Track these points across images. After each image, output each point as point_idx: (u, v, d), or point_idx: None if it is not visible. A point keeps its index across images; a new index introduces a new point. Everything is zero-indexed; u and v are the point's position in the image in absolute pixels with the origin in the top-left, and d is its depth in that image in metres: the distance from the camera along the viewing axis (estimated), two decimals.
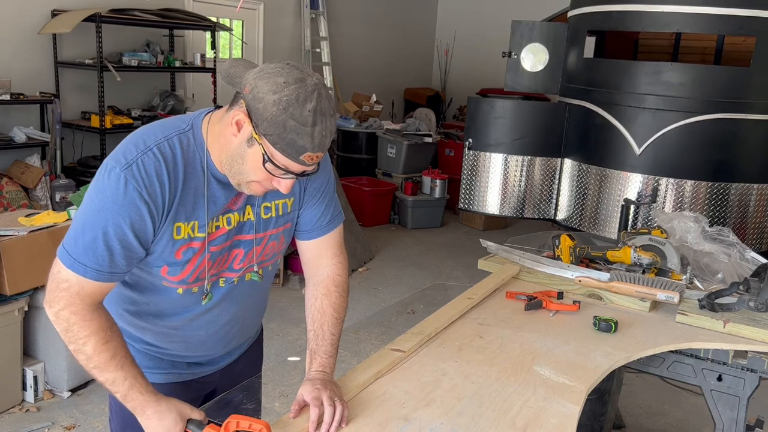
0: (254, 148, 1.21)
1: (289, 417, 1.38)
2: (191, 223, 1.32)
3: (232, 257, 1.42)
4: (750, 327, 1.95)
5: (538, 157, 4.53)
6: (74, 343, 1.27)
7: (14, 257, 2.94)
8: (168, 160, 1.26)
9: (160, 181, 1.25)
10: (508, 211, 4.66)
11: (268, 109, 1.16)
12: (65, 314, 1.25)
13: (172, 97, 5.90)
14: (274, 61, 1.23)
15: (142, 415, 1.30)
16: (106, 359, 1.27)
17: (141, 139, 1.28)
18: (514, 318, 2.02)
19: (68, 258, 1.25)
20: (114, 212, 1.22)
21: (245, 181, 1.28)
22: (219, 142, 1.28)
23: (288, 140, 1.18)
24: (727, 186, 3.89)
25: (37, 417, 3.02)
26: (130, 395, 1.29)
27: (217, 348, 1.56)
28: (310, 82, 1.19)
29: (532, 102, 5.13)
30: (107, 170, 1.24)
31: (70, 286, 1.25)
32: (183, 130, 1.30)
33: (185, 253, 1.33)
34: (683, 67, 4.01)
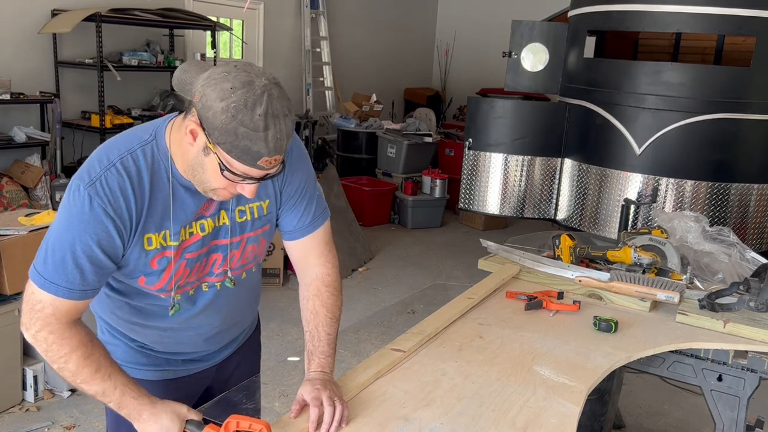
0: (210, 156, 1.19)
1: (290, 417, 1.38)
2: (162, 232, 1.31)
3: (210, 263, 1.41)
4: (750, 327, 1.95)
5: (538, 157, 4.53)
6: (56, 362, 1.26)
7: (14, 257, 2.94)
8: (132, 175, 1.25)
9: (125, 196, 1.24)
10: (508, 211, 4.66)
11: (218, 117, 1.13)
12: (42, 335, 1.25)
13: (172, 97, 5.89)
14: (222, 65, 1.19)
15: (138, 420, 1.29)
16: (91, 372, 1.26)
17: (105, 154, 1.26)
18: (514, 318, 2.02)
19: (39, 278, 1.23)
20: (81, 230, 1.22)
21: (210, 189, 1.27)
22: (180, 149, 1.26)
23: (242, 147, 1.15)
24: (727, 186, 3.89)
25: (37, 417, 3.02)
26: (124, 402, 1.28)
27: (211, 345, 1.56)
28: (258, 84, 1.15)
29: (532, 102, 5.13)
30: (72, 189, 1.24)
31: (44, 307, 1.24)
32: (146, 141, 1.29)
33: (159, 262, 1.32)
34: (683, 67, 4.01)
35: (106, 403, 1.30)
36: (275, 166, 1.21)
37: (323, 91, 8.01)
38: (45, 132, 4.99)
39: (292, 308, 4.48)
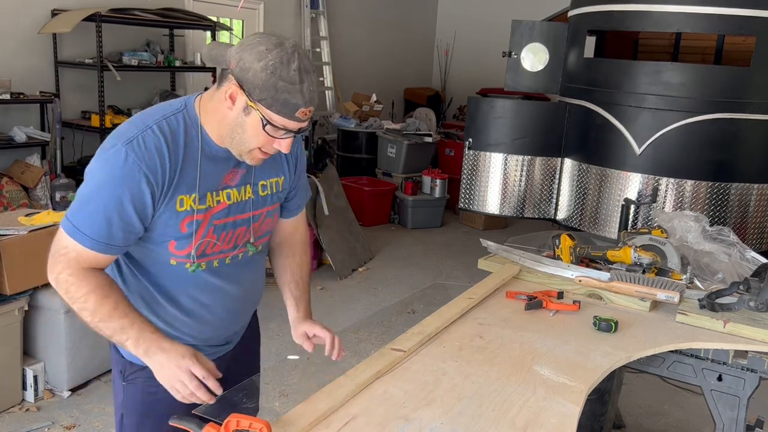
0: (252, 115, 1.31)
1: (309, 352, 1.62)
2: (192, 195, 1.39)
3: (236, 235, 1.50)
4: (750, 327, 1.95)
5: (538, 156, 4.53)
6: (76, 303, 1.35)
7: (14, 257, 2.94)
8: (167, 136, 1.35)
9: (160, 155, 1.32)
10: (508, 210, 4.66)
11: (258, 75, 1.27)
12: (64, 276, 1.34)
13: (172, 97, 5.89)
14: (252, 34, 1.32)
15: (158, 351, 1.35)
16: (109, 310, 1.34)
17: (140, 120, 1.37)
18: (514, 318, 2.02)
19: (69, 226, 1.33)
20: (114, 184, 1.30)
21: (246, 150, 1.38)
22: (215, 118, 1.37)
23: (282, 100, 1.28)
24: (727, 186, 3.89)
25: (37, 416, 3.02)
26: (143, 336, 1.35)
27: (230, 326, 1.64)
28: (288, 45, 1.29)
29: (532, 102, 5.14)
30: (107, 147, 1.32)
31: (68, 252, 1.34)
32: (178, 110, 1.40)
33: (189, 225, 1.40)
34: (683, 67, 4.01)
35: (123, 342, 1.36)
36: (307, 119, 1.33)
37: (323, 91, 8.02)
38: (45, 132, 4.99)
39: None
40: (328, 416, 1.41)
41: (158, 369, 1.36)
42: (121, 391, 1.57)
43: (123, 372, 1.56)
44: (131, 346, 1.36)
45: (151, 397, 1.50)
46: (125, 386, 1.56)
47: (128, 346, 1.36)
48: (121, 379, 1.56)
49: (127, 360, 1.54)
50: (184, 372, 1.34)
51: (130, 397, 1.56)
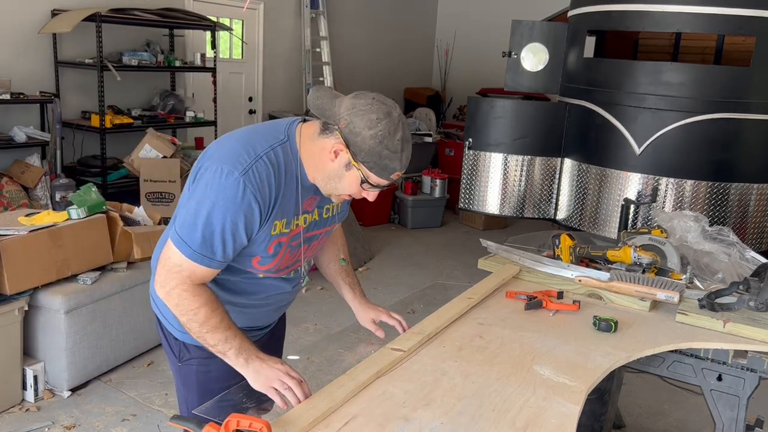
0: (352, 171, 1.47)
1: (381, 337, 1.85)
2: (283, 220, 1.54)
3: (302, 251, 1.66)
4: (750, 327, 1.95)
5: (538, 156, 4.53)
6: (186, 314, 1.48)
7: (14, 257, 2.94)
8: (275, 167, 1.47)
9: (269, 185, 1.46)
10: (508, 210, 4.66)
11: (366, 142, 1.41)
12: (177, 291, 1.48)
13: (172, 97, 5.89)
14: (361, 96, 1.47)
15: (256, 359, 1.50)
16: (216, 323, 1.48)
17: (250, 146, 1.47)
18: (514, 318, 2.02)
19: (186, 248, 1.45)
20: (233, 212, 1.43)
21: (337, 195, 1.55)
22: (313, 160, 1.52)
23: (382, 165, 1.44)
24: (727, 186, 3.89)
25: (37, 416, 3.02)
26: (243, 347, 1.50)
27: (275, 317, 1.86)
28: (395, 115, 1.44)
29: (532, 102, 5.14)
30: (224, 173, 1.43)
31: (182, 270, 1.47)
32: (282, 141, 1.52)
33: (275, 247, 1.56)
34: (683, 67, 4.01)
35: (224, 351, 1.49)
36: (399, 178, 1.49)
37: None
38: (45, 132, 4.99)
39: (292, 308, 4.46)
40: (328, 416, 1.41)
41: (256, 375, 1.49)
42: (178, 371, 1.74)
43: (178, 355, 1.72)
44: (232, 355, 1.49)
45: (206, 375, 1.68)
46: (180, 367, 1.72)
47: (229, 355, 1.49)
48: (177, 361, 1.73)
49: (181, 342, 1.70)
50: (283, 375, 1.48)
51: (187, 376, 1.72)
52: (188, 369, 1.71)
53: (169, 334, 1.73)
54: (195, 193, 1.46)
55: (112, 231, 3.41)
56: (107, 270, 3.41)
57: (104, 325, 3.32)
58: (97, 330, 3.28)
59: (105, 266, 3.41)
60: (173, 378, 1.82)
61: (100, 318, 3.28)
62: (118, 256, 3.45)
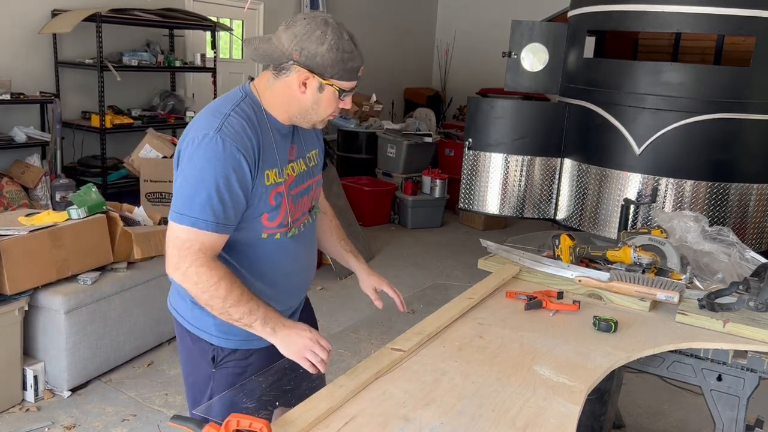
0: (326, 90, 1.52)
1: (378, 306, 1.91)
2: (273, 170, 1.57)
3: (303, 203, 1.70)
4: (750, 327, 1.95)
5: (538, 157, 4.53)
6: (207, 291, 1.48)
7: (14, 257, 2.94)
8: (246, 119, 1.52)
9: (247, 135, 1.50)
10: (508, 211, 4.66)
11: (326, 57, 1.47)
12: (193, 269, 1.47)
13: (172, 97, 5.90)
14: (293, 24, 1.50)
15: (283, 328, 1.53)
16: (238, 295, 1.49)
17: (215, 111, 1.52)
18: (514, 318, 2.03)
19: (188, 219, 1.46)
20: (219, 168, 1.45)
21: (320, 120, 1.59)
22: (280, 101, 1.56)
23: (348, 68, 1.51)
24: (726, 186, 3.89)
25: (37, 416, 3.02)
26: (269, 316, 1.52)
27: (301, 292, 1.85)
28: (330, 20, 1.50)
29: (532, 102, 5.14)
30: (199, 140, 1.47)
31: (192, 245, 1.47)
32: (241, 98, 1.56)
33: (275, 197, 1.58)
34: (683, 67, 4.01)
35: (250, 324, 1.51)
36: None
37: None
38: (45, 132, 4.99)
39: None
40: (328, 416, 1.41)
41: (285, 343, 1.53)
42: (210, 377, 1.70)
43: (214, 358, 1.69)
44: (259, 326, 1.51)
45: (240, 377, 1.68)
46: (215, 372, 1.69)
47: (255, 327, 1.51)
48: (212, 366, 1.69)
49: (218, 347, 1.68)
50: (314, 344, 1.52)
51: (221, 380, 1.69)
52: (224, 372, 1.69)
53: (202, 341, 1.68)
54: (181, 170, 1.50)
55: (112, 231, 3.42)
56: (107, 270, 3.41)
57: (104, 325, 3.32)
58: (97, 330, 3.28)
59: (105, 266, 3.41)
60: (186, 385, 1.79)
61: (100, 318, 3.28)
62: (118, 256, 3.45)
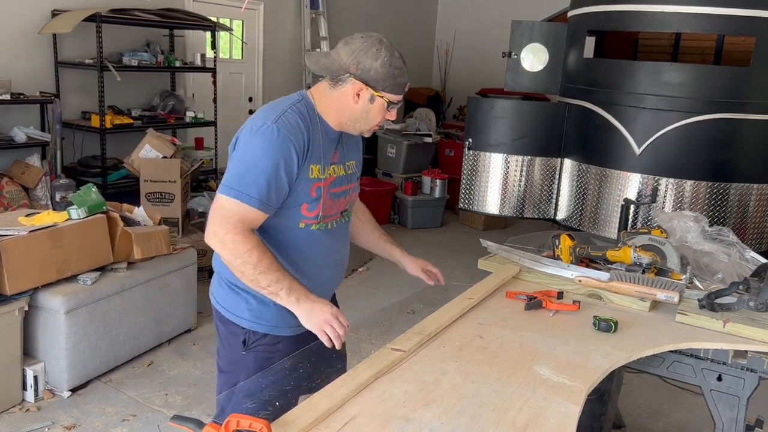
0: (377, 102, 1.71)
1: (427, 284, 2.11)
2: (317, 166, 1.74)
3: (339, 203, 1.85)
4: (750, 327, 1.95)
5: (538, 157, 4.53)
6: (240, 258, 1.63)
7: (14, 257, 2.94)
8: (302, 116, 1.70)
9: (300, 130, 1.68)
10: (508, 211, 4.66)
11: (379, 71, 1.66)
12: (230, 236, 1.63)
13: (172, 97, 5.89)
14: (350, 41, 1.69)
15: (307, 300, 1.67)
16: (268, 264, 1.64)
17: (273, 107, 1.72)
18: (514, 318, 2.03)
19: (235, 192, 1.63)
20: (272, 153, 1.63)
21: (368, 128, 1.78)
22: (334, 109, 1.74)
23: (397, 83, 1.70)
24: (726, 186, 3.89)
25: (37, 417, 3.02)
26: (294, 287, 1.66)
27: (333, 285, 1.99)
28: (384, 40, 1.69)
29: (532, 102, 5.14)
30: (257, 128, 1.65)
31: (233, 215, 1.63)
32: (298, 101, 1.75)
33: (316, 191, 1.74)
34: (683, 67, 4.01)
35: (276, 292, 1.65)
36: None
37: None
38: (45, 132, 4.99)
39: None
40: (328, 416, 1.41)
41: (307, 315, 1.66)
42: (240, 359, 1.84)
43: (245, 341, 1.83)
44: (284, 294, 1.65)
45: (269, 361, 1.80)
46: (245, 355, 1.83)
47: (281, 296, 1.65)
48: (242, 348, 1.83)
49: (249, 330, 1.81)
50: (334, 319, 1.66)
51: (249, 362, 1.83)
52: (253, 355, 1.83)
53: (233, 325, 1.83)
54: (237, 152, 1.67)
55: (112, 231, 3.42)
56: (107, 270, 3.41)
57: (104, 325, 3.32)
58: (97, 330, 3.28)
59: (105, 266, 3.41)
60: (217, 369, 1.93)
61: (100, 318, 3.28)
62: (118, 256, 3.46)
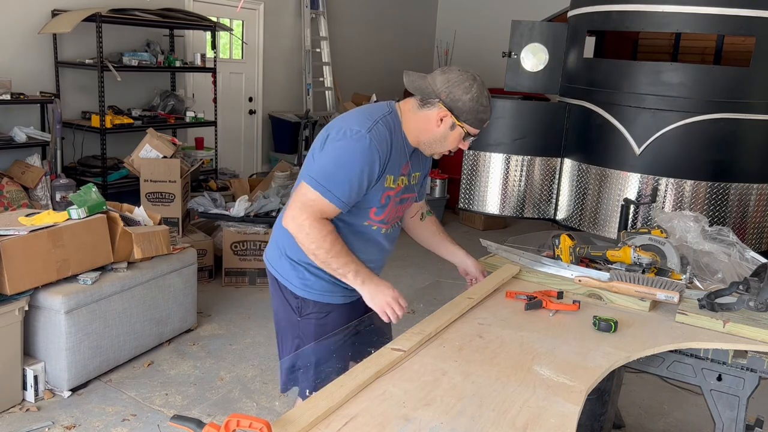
0: (456, 130, 1.88)
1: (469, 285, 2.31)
2: (392, 176, 1.91)
3: (400, 209, 2.05)
4: (750, 327, 1.95)
5: (538, 157, 4.54)
6: (315, 242, 1.82)
7: (14, 257, 2.94)
8: (389, 130, 1.87)
9: (387, 143, 1.85)
10: (508, 211, 4.66)
11: (467, 105, 1.84)
12: (308, 223, 1.82)
13: (173, 97, 5.90)
14: (447, 71, 1.86)
15: (372, 282, 1.88)
16: (340, 248, 1.84)
17: (367, 115, 1.88)
18: (514, 318, 2.03)
19: (322, 187, 1.81)
20: (361, 161, 1.80)
21: (439, 151, 1.96)
22: (416, 127, 1.91)
23: (479, 119, 1.87)
24: (726, 186, 3.89)
25: (38, 416, 3.02)
26: (361, 270, 1.87)
27: (376, 272, 2.06)
28: (477, 78, 1.86)
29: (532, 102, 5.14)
30: (352, 133, 1.82)
31: (314, 205, 1.82)
32: (388, 112, 1.91)
33: (386, 198, 1.93)
34: (683, 67, 4.01)
35: (345, 273, 1.86)
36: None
37: (323, 91, 8.02)
38: (45, 132, 4.99)
39: None
40: (328, 416, 1.41)
41: (371, 295, 1.87)
42: (296, 326, 2.07)
43: (299, 309, 2.05)
44: (352, 276, 1.85)
45: (322, 328, 2.01)
46: (300, 321, 2.06)
47: (349, 277, 1.85)
48: (297, 315, 2.06)
49: (301, 298, 2.03)
50: (394, 301, 1.86)
51: (305, 328, 2.05)
52: (307, 323, 2.04)
53: (290, 293, 2.05)
54: (328, 149, 1.84)
55: (113, 231, 3.42)
56: (107, 270, 3.42)
57: (104, 325, 3.32)
58: (97, 330, 3.28)
59: (105, 266, 3.41)
60: (276, 332, 2.18)
61: (100, 318, 3.28)
62: (119, 256, 3.46)
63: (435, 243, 2.35)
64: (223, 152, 6.46)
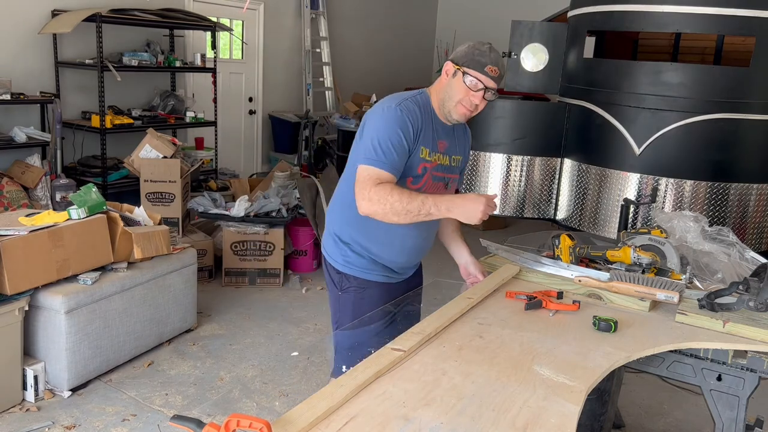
0: (457, 76, 2.02)
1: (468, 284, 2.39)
2: (426, 149, 2.06)
3: (437, 187, 2.15)
4: (750, 327, 1.95)
5: (538, 157, 4.54)
6: (386, 201, 1.92)
7: (14, 257, 2.94)
8: (419, 106, 2.05)
9: (416, 115, 2.03)
10: (508, 211, 4.66)
11: (462, 50, 2.03)
12: (372, 192, 1.94)
13: (173, 97, 5.90)
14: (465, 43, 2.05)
15: (454, 205, 1.94)
16: (409, 194, 1.94)
17: (397, 97, 2.07)
18: (514, 318, 2.03)
19: (370, 160, 1.97)
20: (395, 126, 1.98)
21: (453, 105, 2.06)
22: (436, 94, 2.10)
23: (475, 60, 1.99)
24: (726, 186, 3.89)
25: (38, 416, 3.02)
26: (438, 199, 1.95)
27: (412, 259, 2.27)
28: (486, 42, 2.03)
29: (532, 102, 5.14)
30: (384, 108, 2.02)
31: (369, 177, 1.96)
32: (418, 93, 2.11)
33: (422, 169, 2.07)
34: (683, 67, 4.02)
35: (428, 209, 1.93)
36: (496, 79, 2.01)
37: (323, 91, 8.02)
38: (45, 132, 4.99)
39: (293, 308, 4.49)
40: (328, 416, 1.41)
41: (462, 210, 1.93)
42: (337, 300, 2.23)
43: (339, 284, 2.20)
44: (435, 210, 1.93)
45: (361, 300, 2.17)
46: (340, 295, 2.21)
47: (433, 211, 1.94)
48: (338, 290, 2.21)
49: (342, 273, 2.19)
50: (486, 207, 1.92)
51: (345, 302, 2.20)
52: (347, 296, 2.19)
53: (333, 270, 2.21)
54: (367, 129, 2.02)
55: (113, 231, 3.42)
56: (107, 270, 3.42)
57: (104, 325, 3.32)
58: (97, 330, 3.28)
59: (105, 266, 3.41)
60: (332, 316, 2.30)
61: (100, 318, 3.28)
62: (119, 256, 3.46)
63: (448, 237, 2.43)
64: (223, 152, 6.47)
